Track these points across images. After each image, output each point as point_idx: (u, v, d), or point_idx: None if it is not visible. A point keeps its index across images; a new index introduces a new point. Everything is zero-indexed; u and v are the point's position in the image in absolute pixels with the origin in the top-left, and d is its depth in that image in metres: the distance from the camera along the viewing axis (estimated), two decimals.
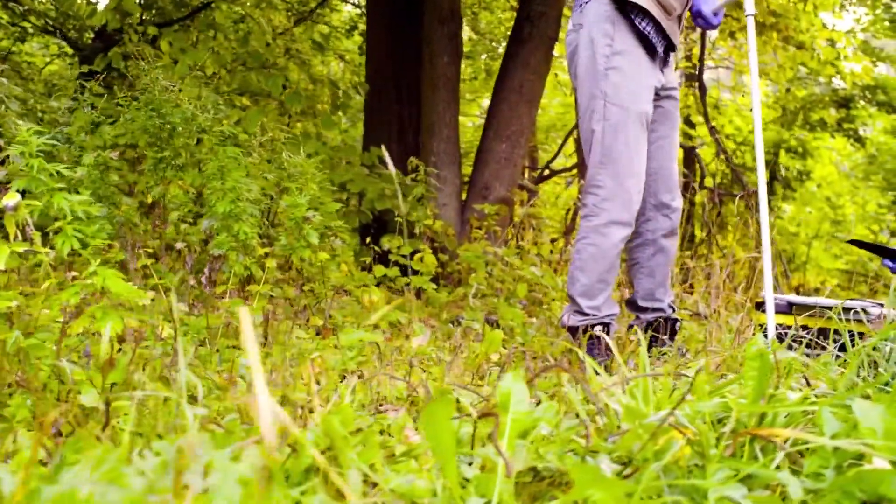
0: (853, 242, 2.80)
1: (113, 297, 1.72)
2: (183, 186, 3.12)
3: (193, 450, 0.70)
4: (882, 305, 2.47)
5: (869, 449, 0.90)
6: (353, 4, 10.16)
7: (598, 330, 2.61)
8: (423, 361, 2.66)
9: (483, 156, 5.16)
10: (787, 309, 2.89)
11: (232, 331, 2.76)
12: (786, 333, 2.54)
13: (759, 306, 2.85)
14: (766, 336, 2.26)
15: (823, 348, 2.32)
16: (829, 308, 2.51)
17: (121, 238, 3.28)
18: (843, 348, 1.98)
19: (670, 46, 2.61)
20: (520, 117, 5.08)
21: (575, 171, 6.44)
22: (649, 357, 2.74)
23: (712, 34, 6.85)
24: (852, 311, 2.11)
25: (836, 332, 2.28)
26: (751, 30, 2.68)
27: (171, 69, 4.70)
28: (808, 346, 2.35)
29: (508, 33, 5.57)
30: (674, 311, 2.89)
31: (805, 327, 2.47)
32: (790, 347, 2.29)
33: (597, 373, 1.27)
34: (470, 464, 1.06)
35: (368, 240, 4.57)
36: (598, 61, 2.51)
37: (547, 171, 6.26)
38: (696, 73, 6.21)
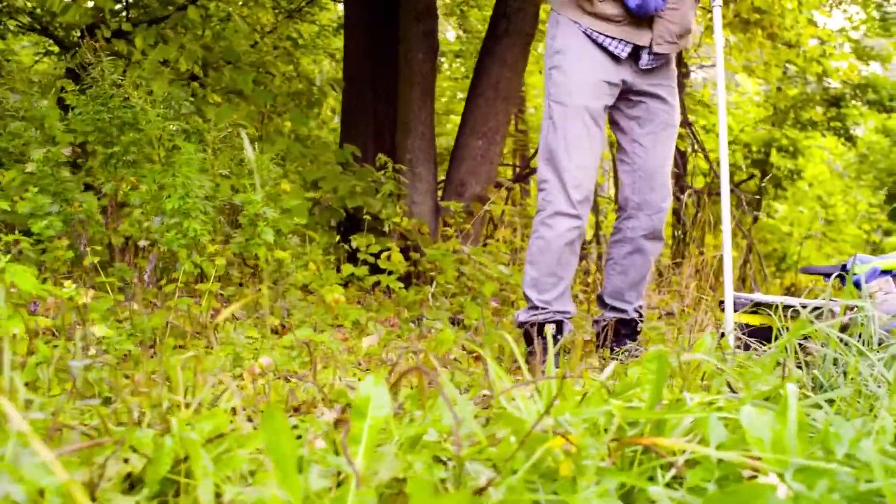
0: (804, 270, 2.77)
1: (24, 295, 1.64)
2: (135, 183, 3.04)
3: None
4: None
5: (753, 460, 0.82)
6: (343, 2, 10.08)
7: (550, 328, 2.54)
8: (373, 361, 2.58)
9: (459, 153, 5.08)
10: (752, 308, 2.81)
11: (177, 331, 2.68)
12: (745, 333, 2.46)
13: (723, 304, 2.77)
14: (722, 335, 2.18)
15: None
16: (796, 307, 2.44)
17: (75, 235, 3.21)
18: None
19: (644, 49, 2.50)
20: (496, 114, 5.00)
21: None
22: (610, 358, 2.67)
23: (695, 30, 6.78)
24: (791, 308, 2.04)
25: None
26: (717, 19, 2.59)
27: (144, 65, 4.62)
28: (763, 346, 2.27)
29: None
30: (641, 316, 2.81)
31: (746, 325, 2.40)
32: (747, 347, 2.22)
33: (538, 371, 1.19)
34: (340, 473, 0.99)
35: (338, 238, 4.50)
36: (546, 63, 2.56)
37: (528, 170, 6.17)
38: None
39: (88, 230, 3.18)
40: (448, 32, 12.45)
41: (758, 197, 10.70)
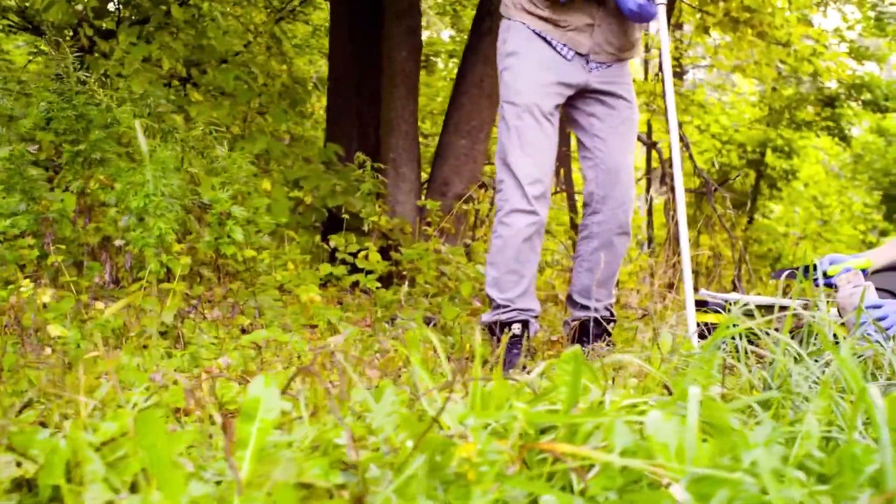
0: (775, 275, 2.72)
1: None
2: (104, 181, 3.00)
3: None
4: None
5: (656, 467, 0.78)
6: (329, 2, 10.02)
7: (516, 328, 2.51)
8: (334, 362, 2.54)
9: (442, 151, 5.04)
10: (721, 309, 2.77)
11: (139, 330, 2.64)
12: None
13: (697, 305, 2.73)
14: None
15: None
16: (767, 308, 2.41)
17: (45, 234, 3.17)
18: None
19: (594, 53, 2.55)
20: (480, 112, 4.96)
21: None
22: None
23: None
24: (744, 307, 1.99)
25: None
26: (662, 17, 2.54)
27: (127, 63, 4.59)
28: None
29: None
30: (611, 314, 2.78)
31: (713, 325, 2.36)
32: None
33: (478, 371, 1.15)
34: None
35: (317, 238, 4.46)
36: (498, 65, 2.60)
37: None
38: (659, 67, 6.07)
39: (60, 230, 3.14)
40: (444, 32, 12.42)
41: (751, 198, 10.63)
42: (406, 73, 5.02)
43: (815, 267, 2.55)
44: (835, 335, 1.66)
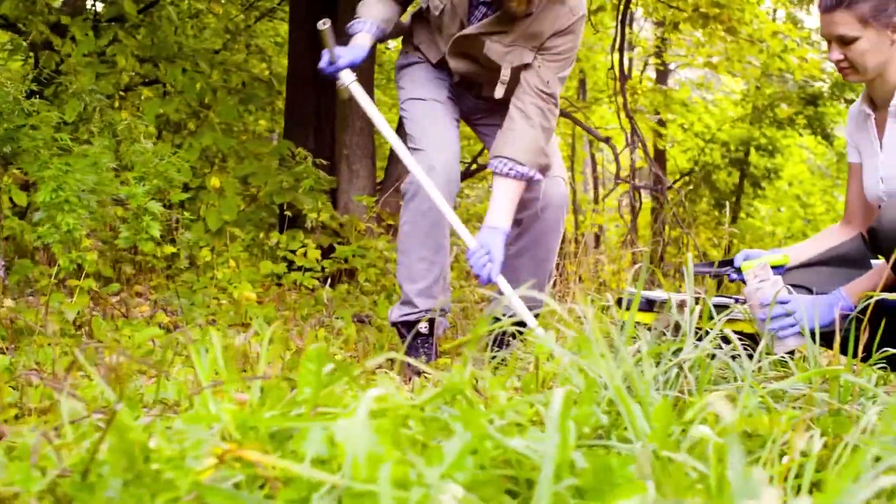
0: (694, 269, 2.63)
1: None
2: (17, 177, 2.93)
3: None
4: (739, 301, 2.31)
5: (342, 479, 0.71)
6: None
7: (423, 327, 2.44)
8: (248, 361, 2.48)
9: None
10: (647, 307, 2.70)
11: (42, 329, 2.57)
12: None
13: (619, 303, 2.66)
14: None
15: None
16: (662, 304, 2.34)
17: None
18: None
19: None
20: None
21: None
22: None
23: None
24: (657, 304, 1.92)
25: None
26: (357, 94, 2.52)
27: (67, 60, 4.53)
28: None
29: None
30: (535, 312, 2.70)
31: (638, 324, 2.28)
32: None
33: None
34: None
35: (262, 235, 4.39)
36: (396, 77, 2.70)
37: (475, 166, 6.01)
38: (619, 63, 5.98)
39: None
40: None
41: (735, 196, 10.54)
42: (360, 67, 4.94)
43: (731, 262, 2.48)
44: (705, 332, 1.59)
